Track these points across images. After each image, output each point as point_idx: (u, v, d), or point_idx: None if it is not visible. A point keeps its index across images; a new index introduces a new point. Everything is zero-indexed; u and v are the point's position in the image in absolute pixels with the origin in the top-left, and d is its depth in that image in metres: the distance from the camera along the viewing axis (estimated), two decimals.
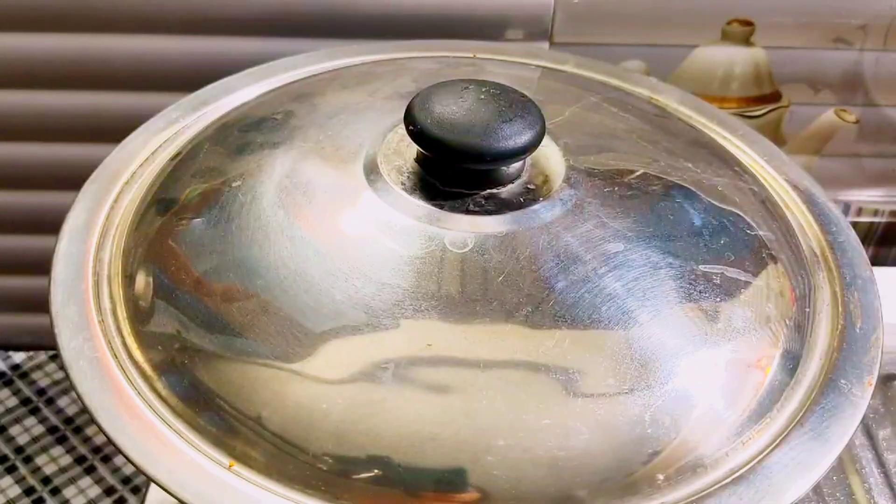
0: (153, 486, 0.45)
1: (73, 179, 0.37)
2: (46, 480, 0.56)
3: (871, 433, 0.52)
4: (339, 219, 0.30)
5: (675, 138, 0.37)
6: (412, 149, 0.32)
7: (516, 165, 0.31)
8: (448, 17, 0.54)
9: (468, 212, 0.30)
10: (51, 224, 0.36)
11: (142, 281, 0.31)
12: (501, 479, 0.26)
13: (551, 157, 0.32)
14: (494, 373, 0.27)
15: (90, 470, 0.57)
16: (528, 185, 0.31)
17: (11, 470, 0.56)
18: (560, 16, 0.55)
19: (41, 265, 0.40)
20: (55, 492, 0.55)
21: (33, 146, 0.56)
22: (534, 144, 0.29)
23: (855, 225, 0.64)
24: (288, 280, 0.25)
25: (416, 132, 0.29)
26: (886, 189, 0.63)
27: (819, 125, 0.61)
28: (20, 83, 0.54)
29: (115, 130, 0.39)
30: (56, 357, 0.65)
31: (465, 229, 0.29)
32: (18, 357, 0.64)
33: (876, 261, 0.65)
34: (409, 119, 0.30)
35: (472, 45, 0.44)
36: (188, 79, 0.50)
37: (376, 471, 0.26)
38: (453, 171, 0.30)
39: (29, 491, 0.55)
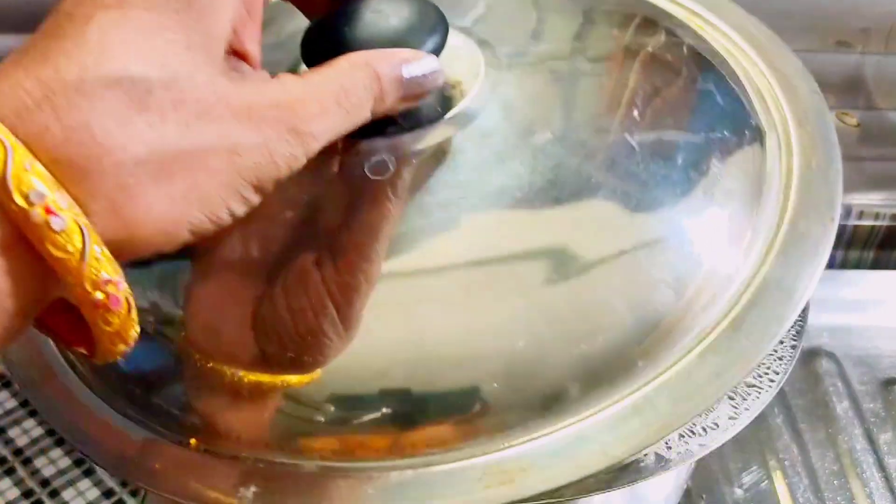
0: None
1: None
2: (45, 483, 0.56)
3: (871, 437, 0.52)
4: None
5: (600, 8, 0.36)
6: None
7: None
8: None
9: (385, 134, 0.28)
10: None
11: None
12: (491, 388, 0.26)
13: (466, 56, 0.31)
14: (449, 283, 0.27)
15: (89, 472, 0.57)
16: (445, 92, 0.30)
17: (10, 472, 0.56)
18: None
19: None
20: (54, 494, 0.55)
21: None
22: (437, 49, 0.28)
23: (856, 228, 0.64)
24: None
25: (313, 61, 0.27)
26: (887, 192, 0.63)
27: None
28: None
29: None
30: None
31: (384, 153, 0.28)
32: None
33: (877, 264, 0.65)
34: (305, 50, 0.28)
35: None
36: None
37: (354, 414, 0.26)
38: None
39: (28, 493, 0.55)
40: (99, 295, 0.20)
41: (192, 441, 0.26)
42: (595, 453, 0.25)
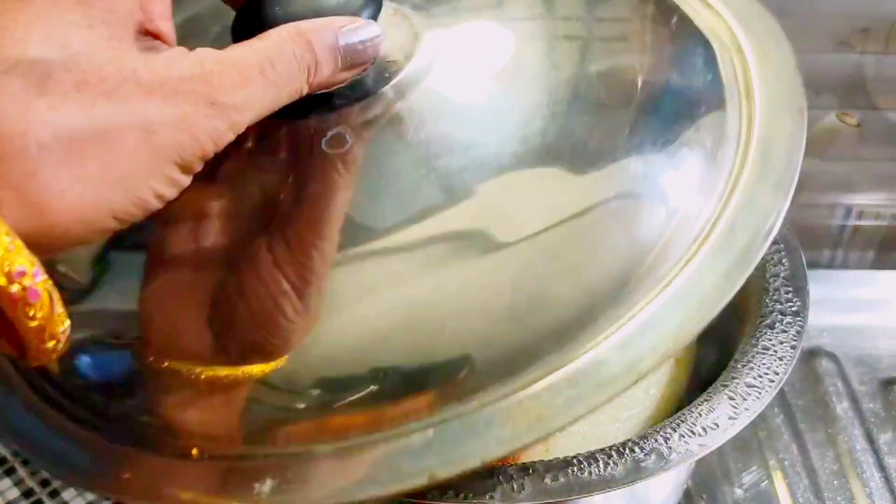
0: None
1: None
2: (45, 483, 0.56)
3: (871, 437, 0.52)
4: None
5: None
6: None
7: None
8: None
9: (335, 108, 0.28)
10: None
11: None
12: (501, 331, 0.25)
13: (403, 22, 0.30)
14: (422, 253, 0.26)
15: None
16: (388, 59, 0.29)
17: (10, 472, 0.56)
18: None
19: None
20: (54, 494, 0.55)
21: None
22: (372, 17, 0.27)
23: (856, 228, 0.64)
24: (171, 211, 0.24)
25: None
26: (887, 192, 0.63)
27: (821, 129, 0.61)
28: None
29: None
30: None
31: (337, 126, 0.28)
32: None
33: (878, 264, 0.65)
34: (236, 32, 0.27)
35: None
36: None
37: (344, 396, 0.25)
38: None
39: (28, 493, 0.55)
40: (14, 288, 0.19)
41: (194, 451, 0.26)
42: (620, 373, 0.25)
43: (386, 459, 0.25)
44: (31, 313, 0.20)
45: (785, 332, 0.35)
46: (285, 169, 0.28)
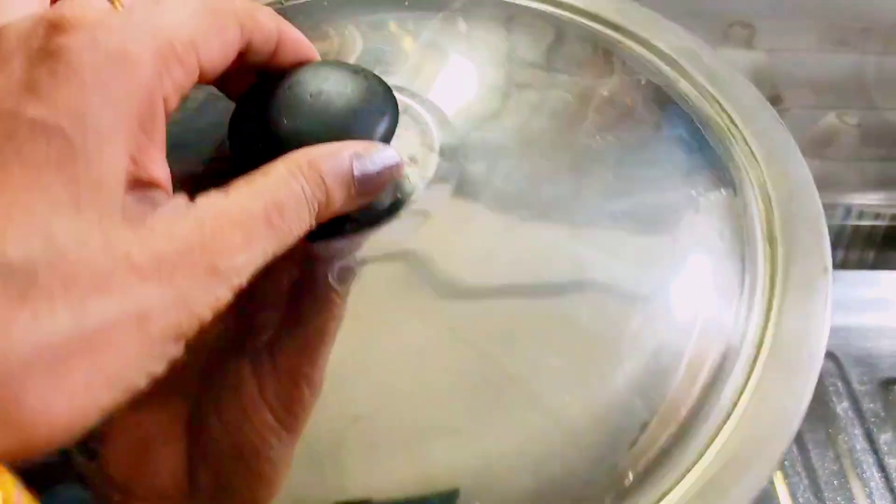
0: None
1: None
2: None
3: (872, 437, 0.52)
4: None
5: (555, 46, 0.33)
6: None
7: None
8: None
9: (344, 234, 0.25)
10: None
11: None
12: None
13: (414, 124, 0.27)
14: (445, 400, 0.23)
15: None
16: (403, 176, 0.26)
17: None
18: None
19: None
20: None
21: None
22: (389, 132, 0.24)
23: (856, 228, 0.64)
24: None
25: (242, 156, 0.24)
26: (887, 192, 0.63)
27: (820, 129, 0.61)
28: None
29: None
30: None
31: (346, 257, 0.25)
32: None
33: (877, 264, 0.65)
34: (233, 141, 0.24)
35: None
36: None
37: None
38: None
39: None
40: None
41: None
42: None
43: None
44: None
45: None
46: (278, 292, 0.24)
